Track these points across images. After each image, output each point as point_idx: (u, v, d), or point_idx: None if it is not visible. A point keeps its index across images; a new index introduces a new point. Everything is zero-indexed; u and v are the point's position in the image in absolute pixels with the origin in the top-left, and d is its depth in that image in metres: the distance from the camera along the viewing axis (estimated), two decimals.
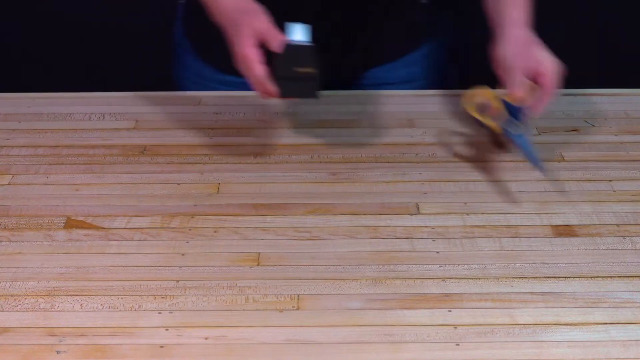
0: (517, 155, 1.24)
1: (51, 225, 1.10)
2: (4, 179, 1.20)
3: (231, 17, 1.18)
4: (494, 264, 1.04)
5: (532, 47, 1.21)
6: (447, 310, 0.96)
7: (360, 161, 1.23)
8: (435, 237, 1.08)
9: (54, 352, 0.91)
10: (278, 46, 1.13)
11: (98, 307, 0.97)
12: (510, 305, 0.97)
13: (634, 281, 1.01)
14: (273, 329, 0.94)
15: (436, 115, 1.34)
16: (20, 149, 1.27)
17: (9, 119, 1.35)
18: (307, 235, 1.08)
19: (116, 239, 1.08)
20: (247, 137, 1.29)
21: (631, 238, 1.08)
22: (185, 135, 1.30)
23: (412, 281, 1.01)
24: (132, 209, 1.13)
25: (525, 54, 1.20)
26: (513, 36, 1.22)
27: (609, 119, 1.34)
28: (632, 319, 0.95)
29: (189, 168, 1.22)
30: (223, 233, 1.09)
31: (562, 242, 1.08)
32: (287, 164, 1.23)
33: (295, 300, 0.98)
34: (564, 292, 0.99)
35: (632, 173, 1.21)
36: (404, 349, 0.92)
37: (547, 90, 1.18)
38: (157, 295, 0.98)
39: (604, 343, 0.92)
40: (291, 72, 1.13)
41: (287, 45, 1.13)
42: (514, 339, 0.93)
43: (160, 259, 1.04)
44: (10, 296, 0.98)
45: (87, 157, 1.25)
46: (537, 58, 1.19)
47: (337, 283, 1.00)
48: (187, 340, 0.93)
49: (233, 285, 1.00)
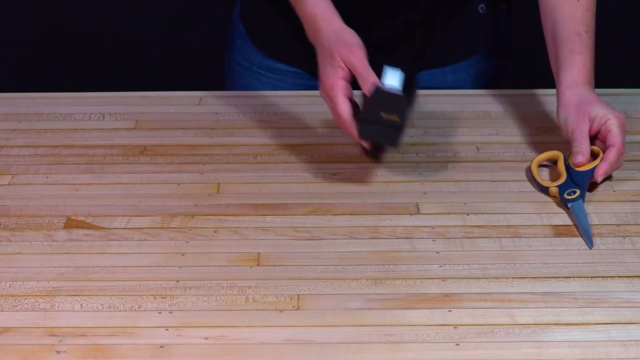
0: (517, 155, 1.24)
1: (51, 225, 1.10)
2: (4, 179, 1.20)
3: (327, 44, 1.16)
4: (494, 264, 1.03)
5: (588, 107, 1.17)
6: (447, 310, 0.96)
7: (360, 161, 1.23)
8: (435, 237, 1.08)
9: (54, 352, 0.91)
10: (368, 87, 1.12)
11: (98, 307, 0.97)
12: (510, 305, 0.97)
13: (634, 281, 1.01)
14: (273, 329, 0.94)
15: (437, 116, 1.34)
16: (20, 149, 1.27)
17: (9, 119, 1.35)
18: (307, 235, 1.08)
19: (116, 239, 1.08)
20: (247, 137, 1.29)
21: (631, 238, 1.08)
22: (185, 135, 1.30)
23: (412, 281, 1.01)
24: (132, 209, 1.13)
25: (582, 115, 1.16)
26: (566, 98, 1.19)
27: None
28: (632, 319, 0.95)
29: (189, 168, 1.22)
30: (223, 233, 1.09)
31: (562, 242, 1.07)
32: (287, 164, 1.23)
33: (295, 300, 0.98)
34: (564, 292, 0.99)
35: (632, 173, 1.21)
36: (403, 349, 0.91)
37: (614, 150, 1.14)
38: (157, 295, 0.98)
39: (604, 343, 0.92)
40: (376, 117, 1.11)
41: (377, 89, 1.11)
42: (514, 339, 0.93)
43: (160, 259, 1.04)
44: (10, 296, 0.98)
45: (87, 157, 1.25)
46: (594, 116, 1.16)
47: (337, 283, 1.00)
48: (187, 340, 0.93)
49: (233, 285, 1.00)
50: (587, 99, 1.18)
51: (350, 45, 1.15)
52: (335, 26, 1.18)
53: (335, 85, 1.13)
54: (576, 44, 1.21)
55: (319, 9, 1.20)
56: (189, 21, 2.28)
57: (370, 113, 1.12)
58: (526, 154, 1.24)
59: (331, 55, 1.14)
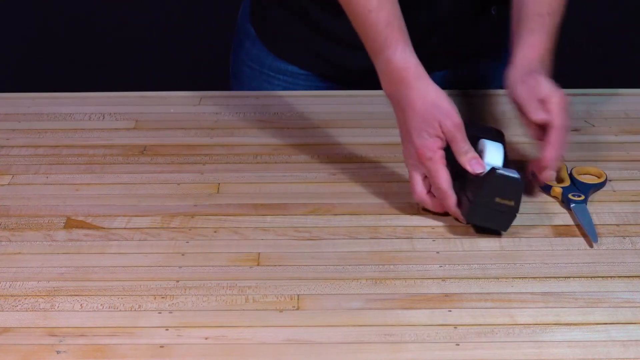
0: (517, 155, 1.24)
1: (51, 225, 1.10)
2: (4, 179, 1.20)
3: (423, 107, 1.09)
4: (494, 264, 1.03)
5: (534, 77, 1.14)
6: (447, 310, 0.96)
7: (360, 161, 1.23)
8: (435, 237, 1.08)
9: (54, 352, 0.91)
10: (470, 164, 1.07)
11: (98, 307, 0.97)
12: (510, 305, 0.97)
13: (634, 281, 1.01)
14: (273, 329, 0.94)
15: None
16: (20, 149, 1.27)
17: (9, 119, 1.35)
18: (307, 235, 1.08)
19: (116, 239, 1.08)
20: (247, 137, 1.29)
21: (631, 238, 1.08)
22: (185, 135, 1.30)
23: (412, 281, 1.01)
24: (132, 209, 1.13)
25: (529, 87, 1.14)
26: (514, 72, 1.16)
27: (609, 119, 1.34)
28: (632, 319, 0.95)
29: (189, 168, 1.22)
30: (223, 233, 1.09)
31: (562, 242, 1.07)
32: (287, 164, 1.23)
33: (295, 300, 0.98)
34: (564, 292, 0.99)
35: (632, 173, 1.21)
36: (403, 349, 0.91)
37: (557, 131, 1.11)
38: (157, 295, 0.98)
39: (604, 343, 0.92)
40: (490, 201, 1.06)
41: (496, 174, 1.05)
42: (514, 339, 0.93)
43: (160, 259, 1.04)
44: (10, 296, 0.98)
45: (87, 157, 1.25)
46: (539, 91, 1.13)
47: (337, 283, 1.00)
48: (187, 340, 0.93)
49: (233, 285, 1.00)
50: (534, 71, 1.15)
51: (448, 110, 1.09)
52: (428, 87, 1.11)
53: (435, 156, 1.07)
54: (536, 24, 1.19)
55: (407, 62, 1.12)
56: (189, 21, 2.29)
57: (484, 197, 1.05)
58: (526, 154, 1.24)
59: (427, 120, 1.08)
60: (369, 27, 1.15)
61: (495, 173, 1.05)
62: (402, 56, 1.12)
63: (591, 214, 1.11)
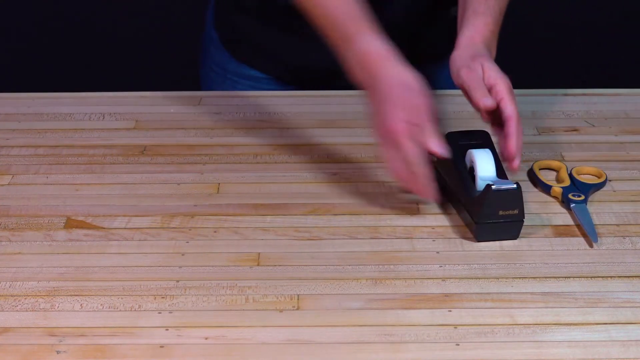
0: None
1: (51, 225, 1.10)
2: (4, 179, 1.20)
3: (394, 90, 1.09)
4: (494, 264, 1.04)
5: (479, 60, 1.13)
6: (447, 310, 0.96)
7: (360, 161, 1.23)
8: (435, 237, 1.08)
9: (54, 352, 0.91)
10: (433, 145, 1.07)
11: (98, 307, 0.97)
12: (510, 305, 0.97)
13: (634, 281, 1.01)
14: (273, 329, 0.94)
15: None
16: (20, 149, 1.27)
17: (9, 119, 1.35)
18: (307, 235, 1.08)
19: (116, 239, 1.08)
20: (247, 137, 1.29)
21: (631, 238, 1.08)
22: (185, 135, 1.30)
23: (412, 281, 1.01)
24: (132, 209, 1.13)
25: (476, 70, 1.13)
26: (459, 52, 1.15)
27: (609, 119, 1.34)
28: (632, 319, 0.95)
29: (189, 168, 1.22)
30: (223, 233, 1.09)
31: (562, 242, 1.08)
32: (287, 164, 1.23)
33: (295, 300, 0.98)
34: (564, 292, 0.99)
35: (632, 173, 1.21)
36: (403, 349, 0.92)
37: (514, 122, 1.09)
38: (157, 295, 0.98)
39: (604, 343, 0.92)
40: (494, 217, 1.05)
41: (493, 191, 1.04)
42: (514, 339, 0.93)
43: (160, 259, 1.04)
44: (10, 296, 0.98)
45: (87, 157, 1.25)
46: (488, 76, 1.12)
47: (337, 283, 1.00)
48: (187, 340, 0.93)
49: (233, 285, 1.00)
50: (480, 55, 1.14)
51: (422, 94, 1.09)
52: (401, 67, 1.11)
53: (405, 131, 1.06)
54: (481, 6, 1.18)
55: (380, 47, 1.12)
56: (189, 21, 2.28)
57: (487, 215, 1.05)
58: (526, 154, 1.24)
59: (400, 99, 1.08)
60: (337, 19, 1.15)
61: (491, 190, 1.05)
62: (376, 42, 1.12)
63: (591, 214, 1.11)
